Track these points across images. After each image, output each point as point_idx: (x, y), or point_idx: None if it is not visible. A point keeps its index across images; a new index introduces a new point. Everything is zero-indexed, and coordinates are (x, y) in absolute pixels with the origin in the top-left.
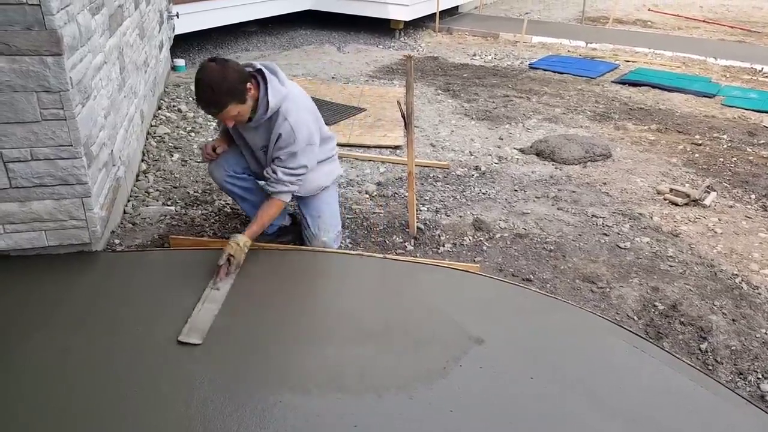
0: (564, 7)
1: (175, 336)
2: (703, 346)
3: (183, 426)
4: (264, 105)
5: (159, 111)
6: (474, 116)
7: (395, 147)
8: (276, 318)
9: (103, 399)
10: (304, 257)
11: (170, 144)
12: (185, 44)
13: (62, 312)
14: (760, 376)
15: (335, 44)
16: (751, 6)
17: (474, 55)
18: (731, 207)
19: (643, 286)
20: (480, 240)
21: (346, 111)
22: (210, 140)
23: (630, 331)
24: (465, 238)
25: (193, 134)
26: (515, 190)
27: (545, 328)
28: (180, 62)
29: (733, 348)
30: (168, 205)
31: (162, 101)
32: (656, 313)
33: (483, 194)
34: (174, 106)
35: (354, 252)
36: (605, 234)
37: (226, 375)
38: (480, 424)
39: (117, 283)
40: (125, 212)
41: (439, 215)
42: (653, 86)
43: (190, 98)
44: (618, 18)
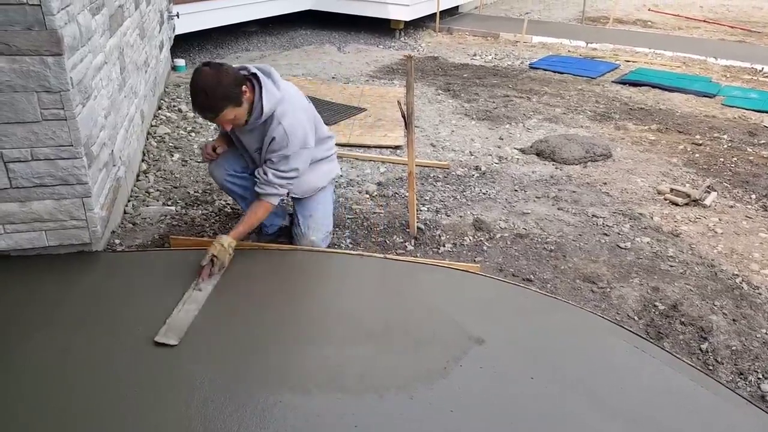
0: (564, 7)
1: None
2: (704, 346)
3: (183, 426)
4: (258, 109)
5: (159, 111)
6: (474, 116)
7: (395, 147)
8: (276, 318)
9: (103, 399)
10: (305, 257)
11: (170, 144)
12: (185, 44)
13: (62, 312)
14: (761, 376)
15: (335, 44)
16: (752, 6)
17: (474, 55)
18: (732, 207)
19: (644, 286)
20: (480, 240)
21: (347, 111)
22: (210, 140)
23: (630, 331)
24: (465, 238)
25: (194, 134)
26: (515, 190)
27: (546, 328)
28: (180, 62)
29: (734, 348)
30: (168, 205)
31: (162, 101)
32: (657, 313)
33: (483, 194)
34: (174, 106)
35: (354, 252)
36: (606, 234)
37: (227, 375)
38: (480, 424)
39: (117, 283)
40: (125, 212)
41: (440, 215)
42: (653, 86)
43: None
44: (618, 18)
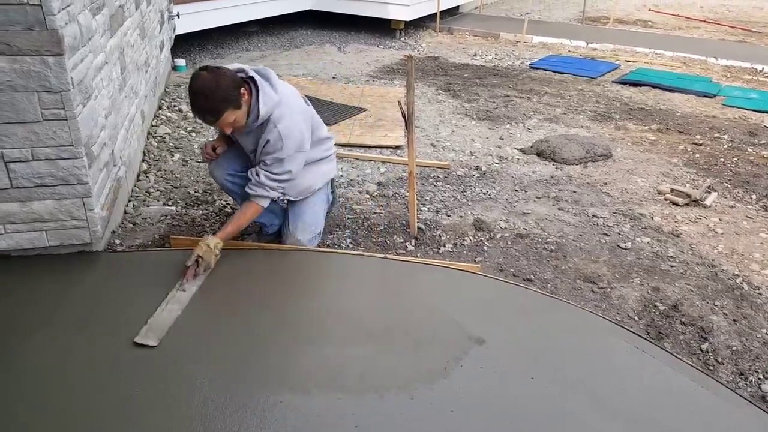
0: (564, 7)
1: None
2: (704, 347)
3: (184, 426)
4: (255, 112)
5: (160, 111)
6: (475, 116)
7: (396, 147)
8: (276, 318)
9: (104, 399)
10: (305, 257)
11: (171, 144)
12: (186, 44)
13: (63, 312)
14: (761, 377)
15: (336, 44)
16: (752, 6)
17: (474, 55)
18: (732, 207)
19: (644, 287)
20: (481, 240)
21: (347, 111)
22: (210, 140)
23: (631, 332)
24: (466, 238)
25: (194, 134)
26: (516, 190)
27: (546, 329)
28: (181, 62)
29: (734, 348)
30: (169, 205)
31: (163, 101)
32: (657, 314)
33: (484, 194)
34: (175, 106)
35: (355, 252)
36: (606, 234)
37: (227, 375)
38: (481, 425)
39: (118, 284)
40: (126, 212)
41: (440, 215)
42: (654, 86)
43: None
44: (618, 18)
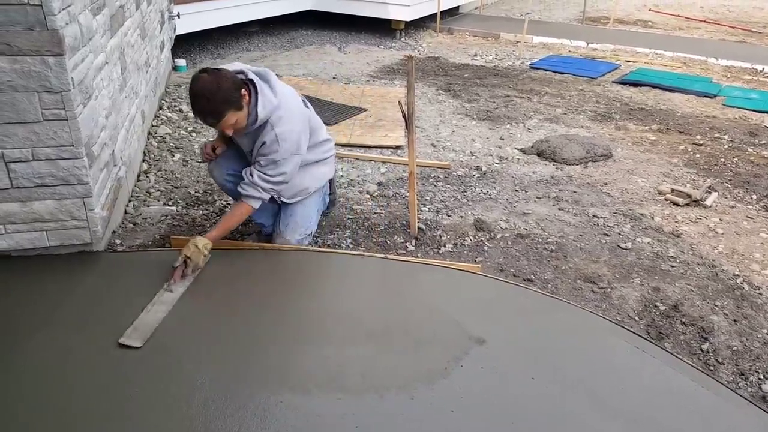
0: (565, 8)
1: (178, 337)
2: (705, 347)
3: (184, 426)
4: (253, 115)
5: (160, 111)
6: (475, 116)
7: (396, 147)
8: (276, 318)
9: (104, 399)
10: (305, 257)
11: (171, 144)
12: (186, 44)
13: (63, 312)
14: (762, 377)
15: (336, 44)
16: (752, 6)
17: (475, 56)
18: (732, 207)
19: (645, 287)
20: (481, 240)
21: (347, 111)
22: (209, 140)
23: (631, 332)
24: (466, 239)
25: (195, 134)
26: (516, 191)
27: (546, 329)
28: (181, 62)
29: (735, 348)
30: (169, 205)
31: (163, 101)
32: (657, 314)
33: (484, 194)
34: (175, 107)
35: (355, 252)
36: (606, 234)
37: (227, 375)
38: (481, 425)
39: (118, 284)
40: (126, 212)
41: (440, 215)
42: (654, 86)
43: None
44: (619, 18)
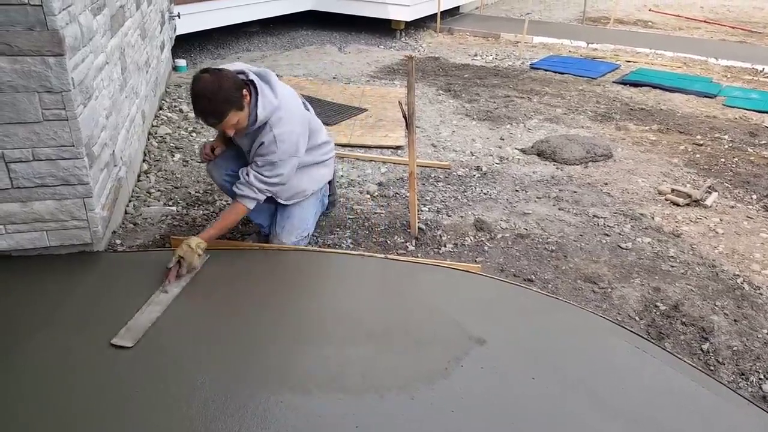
0: (565, 8)
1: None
2: (705, 347)
3: (184, 426)
4: (253, 116)
5: (160, 111)
6: (475, 116)
7: (396, 147)
8: (276, 318)
9: (104, 399)
10: (305, 257)
11: (171, 144)
12: (186, 44)
13: (63, 312)
14: (762, 377)
15: (336, 44)
16: (752, 6)
17: (475, 56)
18: (732, 207)
19: (645, 287)
20: (481, 240)
21: (348, 111)
22: (209, 141)
23: (631, 332)
24: (466, 239)
25: (195, 134)
26: (516, 191)
27: (547, 329)
28: (181, 62)
29: (735, 348)
30: (169, 206)
31: (163, 101)
32: (658, 314)
33: (484, 194)
34: (175, 107)
35: (355, 252)
36: (607, 234)
37: (227, 375)
38: (481, 425)
39: (118, 284)
40: (126, 212)
41: (441, 215)
42: (654, 86)
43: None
44: (619, 18)
